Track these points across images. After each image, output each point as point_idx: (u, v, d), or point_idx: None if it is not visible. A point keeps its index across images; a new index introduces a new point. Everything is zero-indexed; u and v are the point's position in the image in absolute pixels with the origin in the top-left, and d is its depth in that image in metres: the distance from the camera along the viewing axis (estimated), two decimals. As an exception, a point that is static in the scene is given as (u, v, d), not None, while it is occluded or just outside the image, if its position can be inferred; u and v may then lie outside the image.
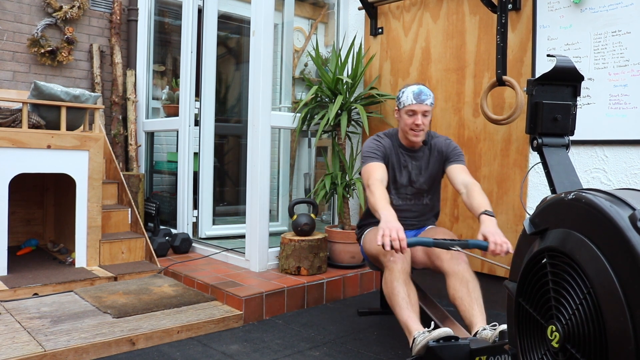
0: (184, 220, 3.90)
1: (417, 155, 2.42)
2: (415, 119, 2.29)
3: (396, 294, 2.02)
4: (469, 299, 2.00)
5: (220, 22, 4.12)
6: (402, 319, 1.98)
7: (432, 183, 2.45)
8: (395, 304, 2.02)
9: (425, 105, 2.29)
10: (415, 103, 2.28)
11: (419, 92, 2.30)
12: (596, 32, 2.59)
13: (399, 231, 1.88)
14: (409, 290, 2.05)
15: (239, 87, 4.83)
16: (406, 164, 2.41)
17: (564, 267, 1.06)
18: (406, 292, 2.03)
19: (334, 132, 3.44)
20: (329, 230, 3.36)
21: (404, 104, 2.32)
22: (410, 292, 2.04)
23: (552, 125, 1.57)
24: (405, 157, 2.41)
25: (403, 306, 1.99)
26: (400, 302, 2.00)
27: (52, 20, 3.98)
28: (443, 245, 1.94)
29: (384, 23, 3.57)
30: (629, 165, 2.53)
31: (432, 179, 2.44)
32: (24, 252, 3.52)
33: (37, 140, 3.02)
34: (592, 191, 1.06)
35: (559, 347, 1.04)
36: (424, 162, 2.42)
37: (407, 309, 1.98)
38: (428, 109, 2.31)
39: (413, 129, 2.31)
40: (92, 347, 2.18)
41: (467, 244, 1.93)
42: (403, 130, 2.37)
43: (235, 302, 2.70)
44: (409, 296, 2.02)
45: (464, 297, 2.01)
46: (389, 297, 2.07)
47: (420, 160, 2.42)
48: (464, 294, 2.02)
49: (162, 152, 4.68)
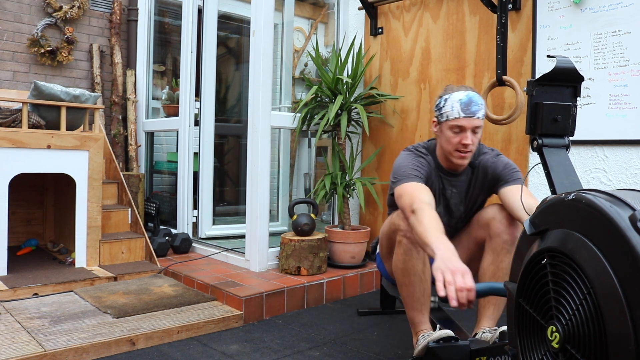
0: (184, 220, 3.90)
1: (458, 180, 1.98)
2: (463, 137, 1.83)
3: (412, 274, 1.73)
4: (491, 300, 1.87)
5: (220, 22, 4.12)
6: (411, 314, 1.85)
7: (471, 212, 2.05)
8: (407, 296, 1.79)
9: (476, 119, 1.83)
10: (464, 117, 1.81)
11: (469, 101, 1.82)
12: (596, 32, 2.59)
13: (464, 275, 1.37)
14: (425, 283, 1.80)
15: (239, 87, 4.83)
16: (444, 190, 1.98)
17: (564, 267, 1.06)
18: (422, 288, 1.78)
19: (334, 132, 3.44)
20: (329, 230, 3.36)
21: (447, 116, 1.84)
22: (425, 286, 1.81)
23: (552, 126, 1.57)
24: (444, 182, 1.98)
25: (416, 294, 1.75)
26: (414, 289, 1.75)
27: (52, 20, 3.98)
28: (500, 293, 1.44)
29: (384, 23, 3.57)
30: (629, 165, 2.53)
31: (472, 208, 2.04)
32: (24, 252, 3.52)
33: (37, 140, 3.02)
34: (592, 191, 1.06)
35: (559, 348, 1.04)
36: (465, 189, 2.00)
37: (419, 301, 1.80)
38: (480, 123, 1.85)
39: (459, 150, 1.85)
40: (92, 347, 2.18)
41: None
42: (444, 150, 1.91)
43: (235, 302, 2.70)
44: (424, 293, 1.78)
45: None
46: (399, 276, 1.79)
47: (460, 187, 1.99)
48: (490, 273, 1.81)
49: (162, 152, 4.68)
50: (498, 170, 1.95)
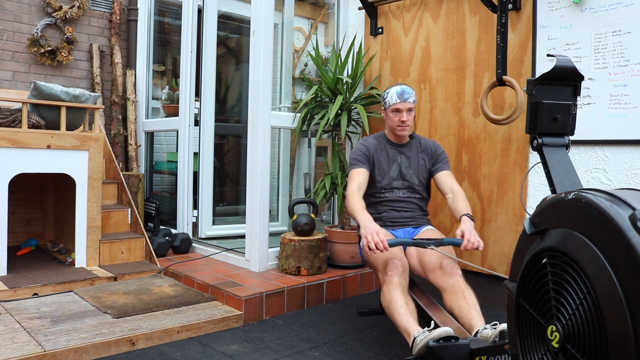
0: (183, 220, 3.90)
1: (405, 149, 2.58)
2: (400, 116, 2.46)
3: (394, 303, 2.07)
4: (466, 306, 2.05)
5: (220, 22, 4.12)
6: (401, 324, 2.01)
7: (420, 179, 2.56)
8: (394, 312, 2.06)
9: (408, 103, 2.46)
10: (400, 102, 2.45)
11: (402, 91, 2.46)
12: (596, 32, 2.59)
13: (378, 233, 2.03)
14: (407, 300, 2.10)
15: (239, 87, 4.83)
16: (395, 158, 2.56)
17: (564, 267, 1.05)
18: (404, 301, 2.08)
19: (334, 132, 3.44)
20: (329, 230, 3.36)
21: (389, 103, 2.49)
22: (408, 301, 2.09)
23: (552, 125, 1.57)
24: (395, 152, 2.57)
25: (401, 313, 2.03)
26: (398, 310, 2.04)
27: (52, 20, 3.98)
28: (421, 245, 2.11)
29: (384, 23, 3.57)
30: (629, 165, 2.53)
31: (420, 174, 2.56)
32: (23, 252, 3.52)
33: (37, 140, 3.02)
34: (592, 191, 1.05)
35: (559, 347, 1.04)
36: (412, 156, 2.57)
37: (405, 314, 2.02)
38: (411, 106, 2.48)
39: (400, 125, 2.48)
40: (92, 347, 2.18)
41: (442, 242, 2.12)
42: (391, 128, 2.54)
43: (235, 302, 2.70)
44: (406, 304, 2.07)
45: (462, 305, 2.06)
46: (387, 308, 2.11)
47: (409, 154, 2.57)
48: (461, 302, 2.07)
49: (162, 152, 4.68)
50: (437, 153, 2.57)
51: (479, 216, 3.01)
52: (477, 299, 2.10)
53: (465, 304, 2.05)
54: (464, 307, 2.05)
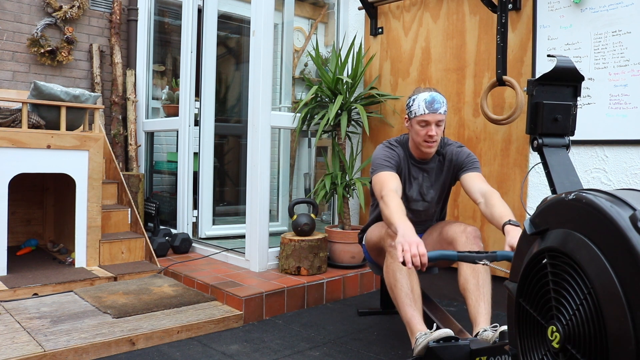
0: (183, 220, 3.90)
1: (428, 167, 2.30)
2: (428, 130, 2.15)
3: (399, 288, 1.94)
4: (477, 292, 1.95)
5: (220, 22, 4.12)
6: (405, 316, 1.93)
7: (441, 195, 2.36)
8: (397, 298, 1.95)
9: (438, 114, 2.15)
10: (428, 113, 2.13)
11: (432, 100, 2.14)
12: (596, 32, 2.59)
13: (419, 246, 1.74)
14: (412, 282, 1.97)
15: (239, 87, 4.83)
16: (417, 177, 2.30)
17: (564, 267, 1.05)
18: (409, 286, 1.95)
19: (334, 132, 3.44)
20: (329, 230, 3.36)
21: (415, 113, 2.17)
22: (413, 285, 1.97)
23: (553, 126, 1.57)
24: (416, 169, 2.30)
25: (407, 303, 1.92)
26: (403, 298, 1.93)
27: (52, 20, 3.98)
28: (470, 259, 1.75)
29: (384, 23, 3.57)
30: (629, 165, 2.53)
31: (442, 191, 2.35)
32: (23, 252, 3.52)
33: (37, 140, 3.02)
34: (592, 191, 1.05)
35: (560, 348, 1.04)
36: (434, 174, 2.31)
37: (411, 307, 1.93)
38: (442, 118, 2.16)
39: (427, 141, 2.18)
40: (92, 347, 2.18)
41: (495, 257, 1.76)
42: (414, 141, 2.24)
43: (235, 302, 2.70)
44: (412, 290, 1.95)
45: (473, 289, 1.95)
46: (390, 289, 1.99)
47: (431, 173, 2.31)
48: (472, 285, 1.96)
49: (162, 152, 4.68)
50: (461, 158, 2.27)
51: (479, 216, 3.01)
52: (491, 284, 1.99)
53: (476, 291, 1.94)
54: (474, 293, 1.93)
